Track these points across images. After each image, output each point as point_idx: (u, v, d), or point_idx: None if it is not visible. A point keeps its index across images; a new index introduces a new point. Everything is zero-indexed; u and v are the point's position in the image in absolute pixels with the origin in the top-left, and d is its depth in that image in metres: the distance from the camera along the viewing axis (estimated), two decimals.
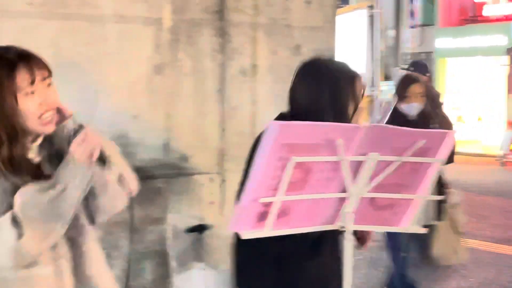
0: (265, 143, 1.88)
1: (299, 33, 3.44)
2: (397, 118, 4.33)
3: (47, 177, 1.88)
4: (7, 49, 1.92)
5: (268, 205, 1.96)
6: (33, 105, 1.89)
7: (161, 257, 3.10)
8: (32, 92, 1.89)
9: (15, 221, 1.80)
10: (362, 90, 2.38)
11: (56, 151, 1.97)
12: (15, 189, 1.85)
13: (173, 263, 3.09)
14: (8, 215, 1.81)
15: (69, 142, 1.90)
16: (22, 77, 1.87)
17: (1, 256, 1.83)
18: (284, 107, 2.41)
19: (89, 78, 2.87)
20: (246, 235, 2.01)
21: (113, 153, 2.01)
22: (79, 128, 1.89)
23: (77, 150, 1.86)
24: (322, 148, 1.96)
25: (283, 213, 2.01)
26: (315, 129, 1.96)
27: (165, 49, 3.09)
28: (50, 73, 1.96)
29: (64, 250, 1.96)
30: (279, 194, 1.95)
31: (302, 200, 2.03)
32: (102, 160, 1.93)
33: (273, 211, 1.97)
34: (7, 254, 1.82)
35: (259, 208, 1.96)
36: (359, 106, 2.36)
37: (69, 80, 2.74)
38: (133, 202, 2.93)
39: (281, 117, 2.36)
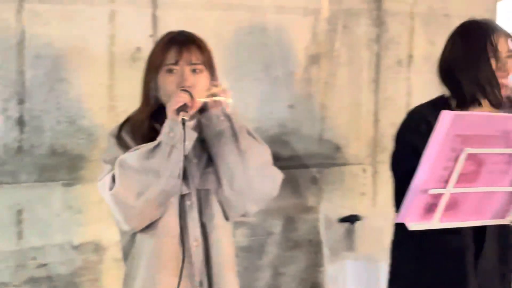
0: (437, 133, 1.84)
1: (458, 23, 3.33)
2: None
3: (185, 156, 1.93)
4: (179, 31, 2.09)
5: (437, 196, 1.91)
6: (170, 83, 1.98)
7: (314, 246, 3.12)
8: (174, 71, 1.98)
9: (113, 175, 1.92)
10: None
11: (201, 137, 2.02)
12: None
13: (325, 252, 3.10)
14: (111, 173, 1.93)
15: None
16: (170, 55, 1.99)
17: (114, 212, 1.94)
18: None
19: (248, 68, 2.92)
20: (413, 226, 1.97)
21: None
22: None
23: (168, 110, 1.92)
24: (497, 139, 1.89)
25: (451, 205, 1.95)
26: (491, 120, 1.89)
27: (322, 39, 3.09)
28: (203, 63, 2.02)
29: (196, 232, 2.01)
30: (450, 186, 1.89)
31: (472, 193, 1.96)
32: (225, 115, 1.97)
33: (442, 203, 1.92)
34: (114, 208, 1.93)
35: (427, 199, 1.92)
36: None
37: (229, 69, 2.82)
38: (287, 190, 2.98)
39: (434, 104, 2.30)
